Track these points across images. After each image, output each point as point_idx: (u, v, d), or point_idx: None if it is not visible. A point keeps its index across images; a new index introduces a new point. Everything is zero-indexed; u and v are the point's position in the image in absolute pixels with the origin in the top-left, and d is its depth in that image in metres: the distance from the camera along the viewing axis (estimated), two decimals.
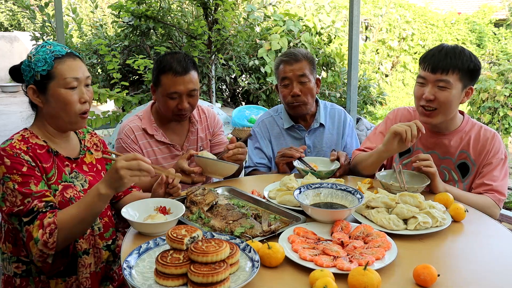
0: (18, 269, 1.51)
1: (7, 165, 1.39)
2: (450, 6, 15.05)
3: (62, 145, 1.58)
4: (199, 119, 2.22)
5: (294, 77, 2.18)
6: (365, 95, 6.34)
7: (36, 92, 1.49)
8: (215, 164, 1.85)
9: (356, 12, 3.25)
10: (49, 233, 1.35)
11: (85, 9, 8.82)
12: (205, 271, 1.04)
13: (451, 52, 1.77)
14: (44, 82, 1.46)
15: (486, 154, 1.86)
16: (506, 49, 7.95)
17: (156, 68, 2.00)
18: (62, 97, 1.47)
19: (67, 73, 1.47)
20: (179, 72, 1.94)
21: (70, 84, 1.47)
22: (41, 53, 1.47)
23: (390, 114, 2.12)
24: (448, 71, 1.75)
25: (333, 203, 1.56)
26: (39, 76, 1.46)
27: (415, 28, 12.09)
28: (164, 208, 1.53)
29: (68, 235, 1.40)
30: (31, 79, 1.48)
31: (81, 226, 1.43)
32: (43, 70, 1.45)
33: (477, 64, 1.79)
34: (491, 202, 1.78)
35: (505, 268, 1.23)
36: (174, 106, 1.98)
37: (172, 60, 1.97)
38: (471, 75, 1.79)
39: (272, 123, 2.35)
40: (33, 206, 1.37)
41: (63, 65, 1.47)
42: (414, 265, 1.14)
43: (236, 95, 7.15)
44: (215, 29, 4.96)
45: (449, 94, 1.77)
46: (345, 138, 2.37)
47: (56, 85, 1.46)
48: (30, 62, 1.47)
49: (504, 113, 5.24)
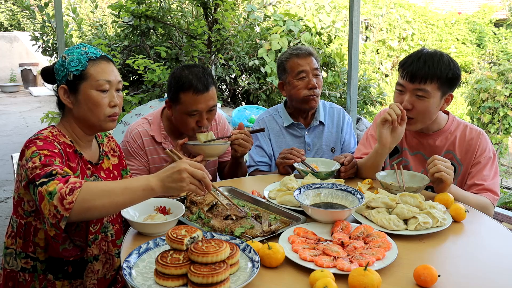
0: (27, 265, 1.50)
1: (38, 145, 1.37)
2: (450, 6, 15.05)
3: (86, 149, 1.58)
4: (210, 126, 2.19)
5: (310, 70, 2.20)
6: (365, 95, 6.33)
7: (67, 92, 1.49)
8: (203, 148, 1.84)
9: (356, 12, 3.25)
10: (70, 189, 1.21)
11: (85, 9, 8.81)
12: (205, 272, 1.03)
13: (429, 60, 1.75)
14: (76, 83, 1.47)
15: (472, 154, 1.85)
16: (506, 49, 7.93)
17: (175, 85, 1.90)
18: (92, 99, 1.47)
19: (100, 75, 1.47)
20: (200, 90, 1.85)
21: (102, 86, 1.47)
22: (75, 54, 1.47)
23: (377, 117, 2.13)
24: (427, 81, 1.74)
25: (333, 204, 1.55)
26: (71, 76, 1.46)
27: (415, 28, 12.09)
28: (164, 208, 1.53)
29: (89, 203, 1.22)
30: (63, 79, 1.48)
31: (105, 202, 1.23)
32: (77, 70, 1.46)
33: (456, 72, 1.77)
34: (488, 202, 1.77)
35: (505, 268, 1.22)
36: (193, 123, 1.91)
37: (192, 76, 1.87)
38: (450, 83, 1.77)
39: (272, 122, 2.36)
40: (52, 170, 1.28)
41: (96, 67, 1.48)
42: (415, 266, 1.14)
43: (236, 95, 7.15)
44: (215, 29, 4.96)
45: (428, 104, 1.77)
46: (344, 136, 2.38)
47: (88, 86, 1.47)
48: (64, 61, 1.48)
49: (504, 113, 5.23)
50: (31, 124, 8.60)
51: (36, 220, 1.47)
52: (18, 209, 1.47)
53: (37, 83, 14.11)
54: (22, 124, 8.73)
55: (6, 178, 5.27)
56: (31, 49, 12.06)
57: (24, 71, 13.96)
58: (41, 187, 1.24)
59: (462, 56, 12.74)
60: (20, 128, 8.33)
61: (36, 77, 14.08)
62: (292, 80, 2.22)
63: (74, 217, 1.22)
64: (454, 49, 12.78)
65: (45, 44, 5.90)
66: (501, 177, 5.09)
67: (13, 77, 14.33)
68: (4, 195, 4.71)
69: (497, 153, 5.44)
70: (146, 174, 1.98)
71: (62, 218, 1.20)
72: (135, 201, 1.28)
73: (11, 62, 14.45)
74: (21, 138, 7.49)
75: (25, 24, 15.35)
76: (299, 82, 2.21)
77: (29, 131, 8.07)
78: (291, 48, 2.31)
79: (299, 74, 2.20)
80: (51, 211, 1.21)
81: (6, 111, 10.16)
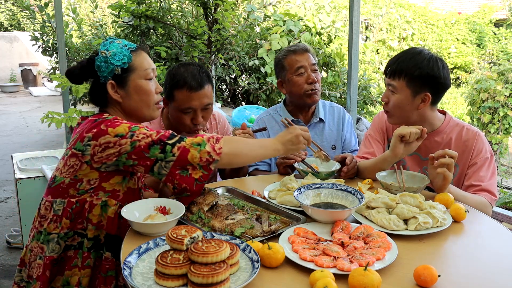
0: (74, 241, 1.50)
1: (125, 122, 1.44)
2: (450, 6, 15.05)
3: None
4: (210, 125, 2.21)
5: (309, 65, 2.22)
6: (365, 95, 6.33)
7: (115, 87, 1.51)
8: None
9: (356, 12, 3.25)
10: (216, 139, 1.42)
11: (85, 9, 8.82)
12: (205, 272, 1.03)
13: (403, 56, 1.82)
14: (124, 76, 1.50)
15: (468, 155, 1.85)
16: (506, 49, 7.93)
17: (170, 82, 1.93)
18: (144, 88, 1.52)
19: (146, 64, 1.53)
20: (194, 87, 1.88)
21: (149, 75, 1.54)
22: (115, 48, 1.50)
23: (375, 117, 2.13)
24: (395, 76, 1.81)
25: (334, 204, 1.55)
26: (119, 70, 1.48)
27: (415, 28, 12.09)
28: (164, 208, 1.53)
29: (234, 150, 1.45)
30: (109, 74, 1.50)
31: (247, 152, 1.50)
32: (124, 63, 1.49)
33: (426, 72, 1.76)
34: (486, 202, 1.77)
35: (505, 268, 1.23)
36: (188, 121, 1.94)
37: (187, 74, 1.90)
38: (421, 82, 1.77)
39: (271, 121, 2.36)
40: (171, 132, 1.43)
41: (139, 57, 1.53)
42: (415, 266, 1.14)
43: (236, 95, 7.15)
44: (215, 29, 4.95)
45: (397, 99, 1.82)
46: (345, 134, 2.39)
47: (137, 77, 1.51)
48: (107, 57, 1.49)
49: (504, 113, 5.23)
50: (31, 124, 8.60)
51: (93, 196, 1.48)
52: (68, 191, 1.48)
53: (37, 83, 14.11)
54: (22, 124, 8.73)
55: (6, 178, 5.27)
56: (31, 49, 12.06)
57: (24, 71, 13.95)
58: (182, 142, 1.40)
59: (462, 56, 12.75)
60: (20, 128, 8.33)
61: (36, 77, 14.07)
62: (292, 76, 2.23)
63: (223, 161, 1.43)
64: (454, 49, 12.79)
65: (45, 44, 5.91)
66: (501, 177, 5.09)
67: (13, 77, 14.33)
68: (4, 195, 4.71)
69: (497, 153, 5.43)
70: None
71: (214, 161, 1.40)
72: (266, 157, 1.56)
73: (11, 62, 14.44)
74: (21, 138, 7.50)
75: (25, 24, 15.35)
76: (299, 78, 2.22)
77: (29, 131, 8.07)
78: (287, 47, 2.33)
79: (298, 70, 2.21)
80: (202, 158, 1.39)
81: (6, 111, 10.16)
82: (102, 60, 1.50)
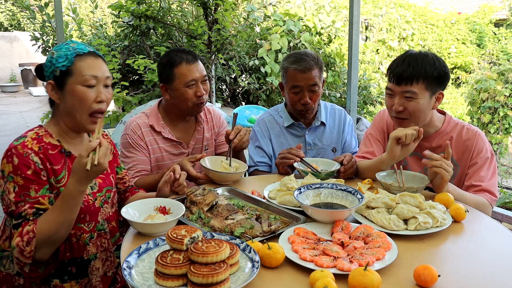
0: None
1: (14, 165, 1.40)
2: (450, 6, 15.05)
3: (76, 146, 1.58)
4: (205, 119, 2.25)
5: (305, 86, 2.16)
6: (365, 95, 6.34)
7: (55, 88, 1.50)
8: (220, 175, 1.89)
9: (356, 12, 3.25)
10: (27, 241, 1.35)
11: (85, 9, 8.82)
12: (205, 272, 1.03)
13: (413, 61, 1.77)
14: (63, 78, 1.48)
15: (469, 155, 1.85)
16: (506, 49, 7.93)
17: (167, 64, 2.04)
18: (78, 94, 1.48)
19: (86, 70, 1.48)
20: (190, 60, 2.02)
21: (88, 81, 1.48)
22: (63, 50, 1.49)
23: (376, 116, 2.13)
24: (413, 82, 1.76)
25: (333, 204, 1.55)
26: (58, 72, 1.47)
27: (415, 28, 12.08)
28: (164, 208, 1.53)
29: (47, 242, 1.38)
30: (51, 75, 1.49)
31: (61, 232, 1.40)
32: (63, 66, 1.47)
33: (442, 70, 1.77)
34: (486, 202, 1.77)
35: (505, 268, 1.23)
36: (192, 95, 2.03)
37: (179, 52, 2.05)
38: (437, 82, 1.78)
39: (272, 122, 2.36)
40: (21, 211, 1.39)
41: (83, 62, 1.49)
42: (415, 266, 1.14)
43: (236, 95, 7.15)
44: (215, 29, 4.95)
45: (417, 104, 1.78)
46: (345, 136, 2.38)
47: (74, 82, 1.48)
48: (52, 57, 1.49)
49: (504, 113, 5.23)
50: (31, 124, 8.59)
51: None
52: None
53: (37, 83, 14.10)
54: (22, 124, 8.72)
55: None
56: (31, 49, 12.05)
57: (24, 71, 13.95)
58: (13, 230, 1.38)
59: (462, 56, 12.74)
60: (20, 128, 8.32)
61: (36, 77, 14.07)
62: (288, 90, 2.22)
63: (39, 258, 1.38)
64: (454, 49, 12.78)
65: (45, 44, 5.90)
66: (501, 177, 5.08)
67: (13, 77, 14.32)
68: None
69: (497, 153, 5.43)
70: (147, 165, 2.02)
71: (25, 265, 1.38)
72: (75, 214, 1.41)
73: (11, 62, 14.44)
74: None
75: (25, 24, 15.35)
76: (293, 96, 2.20)
77: None
78: (296, 54, 2.20)
79: (294, 88, 2.18)
80: (15, 260, 1.37)
81: (6, 111, 10.16)
82: (48, 60, 1.51)
